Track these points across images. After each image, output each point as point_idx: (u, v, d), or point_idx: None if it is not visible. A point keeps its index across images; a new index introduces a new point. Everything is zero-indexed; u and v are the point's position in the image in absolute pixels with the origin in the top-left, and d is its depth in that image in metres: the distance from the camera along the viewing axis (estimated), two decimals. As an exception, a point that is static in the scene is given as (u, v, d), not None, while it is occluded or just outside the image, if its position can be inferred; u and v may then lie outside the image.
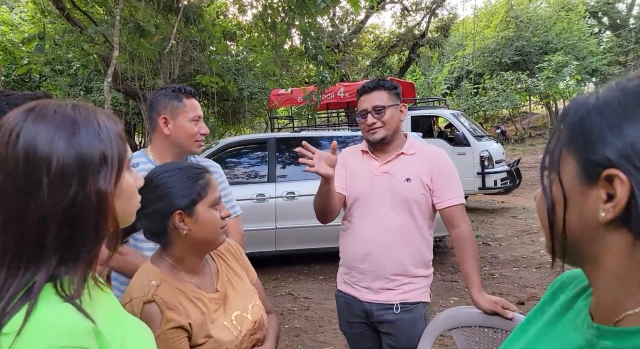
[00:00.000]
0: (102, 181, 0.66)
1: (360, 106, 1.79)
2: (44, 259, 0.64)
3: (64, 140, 0.65)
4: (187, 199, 1.10)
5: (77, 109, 0.70)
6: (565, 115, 0.54)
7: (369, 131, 1.77)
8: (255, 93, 11.29)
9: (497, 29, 24.11)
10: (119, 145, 0.71)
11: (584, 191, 0.50)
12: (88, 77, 9.85)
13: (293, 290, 4.55)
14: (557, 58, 18.80)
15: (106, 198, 0.67)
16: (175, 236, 1.12)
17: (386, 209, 1.72)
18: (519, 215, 7.85)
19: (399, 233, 1.71)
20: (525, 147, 19.44)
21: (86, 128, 0.67)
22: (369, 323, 1.80)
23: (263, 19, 5.58)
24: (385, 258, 1.71)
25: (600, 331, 0.53)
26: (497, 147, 8.28)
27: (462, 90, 21.18)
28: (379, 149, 1.81)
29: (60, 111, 0.68)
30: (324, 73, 5.31)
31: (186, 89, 1.67)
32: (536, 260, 5.25)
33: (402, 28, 18.51)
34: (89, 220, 0.66)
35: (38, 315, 0.60)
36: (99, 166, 0.67)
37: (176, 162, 1.21)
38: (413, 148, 1.80)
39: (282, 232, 4.86)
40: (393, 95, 1.78)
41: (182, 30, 4.81)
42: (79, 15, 6.87)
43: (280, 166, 5.14)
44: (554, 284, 0.73)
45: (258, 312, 1.25)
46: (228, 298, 1.20)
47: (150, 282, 1.09)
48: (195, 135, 1.65)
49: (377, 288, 1.74)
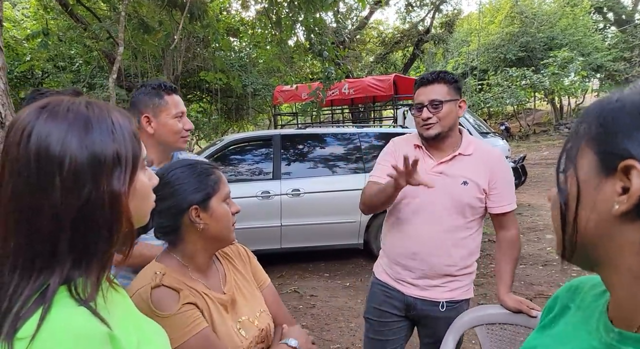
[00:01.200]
0: (115, 181, 0.65)
1: (417, 98, 1.70)
2: (57, 261, 0.62)
3: (76, 139, 0.63)
4: (202, 193, 1.10)
5: (91, 106, 0.68)
6: (587, 113, 0.55)
7: (423, 125, 1.68)
8: (259, 89, 11.24)
9: (502, 24, 23.93)
10: (133, 143, 0.69)
11: (599, 184, 0.51)
12: (91, 73, 9.82)
13: (298, 288, 4.53)
14: (563, 54, 18.65)
15: (120, 199, 0.65)
16: (188, 232, 1.12)
17: (440, 211, 1.67)
18: (524, 212, 7.80)
19: (450, 235, 1.68)
20: (530, 144, 19.34)
21: (99, 126, 0.66)
22: (407, 315, 1.78)
23: (268, 15, 5.53)
24: (435, 258, 1.68)
25: (622, 336, 0.51)
26: (503, 144, 8.22)
27: (467, 86, 21.06)
28: (433, 145, 1.73)
29: (73, 108, 0.66)
30: (330, 69, 5.27)
31: (166, 85, 1.64)
32: (542, 257, 5.21)
33: (406, 24, 18.43)
34: (102, 221, 0.64)
35: (52, 319, 0.58)
36: (113, 165, 0.65)
37: (184, 160, 1.20)
38: (470, 148, 1.72)
39: (287, 229, 4.84)
40: (453, 89, 1.68)
41: (187, 26, 4.78)
42: (82, 11, 6.84)
43: (286, 163, 5.11)
44: (569, 290, 0.72)
45: (265, 320, 1.22)
46: (236, 303, 1.18)
47: (155, 272, 1.08)
48: (180, 131, 1.63)
49: (424, 285, 1.72)
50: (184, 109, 1.67)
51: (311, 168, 5.18)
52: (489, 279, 4.59)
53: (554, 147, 17.75)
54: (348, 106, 11.55)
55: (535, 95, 22.13)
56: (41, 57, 8.68)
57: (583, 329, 0.61)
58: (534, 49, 21.81)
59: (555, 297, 0.75)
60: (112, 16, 5.94)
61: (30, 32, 6.13)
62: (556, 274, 4.58)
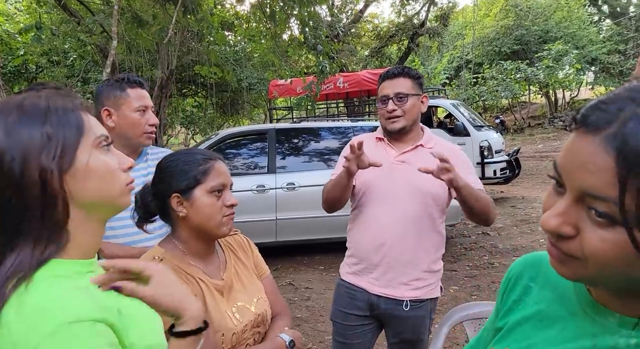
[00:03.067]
0: (44, 160, 0.66)
1: (382, 91, 1.71)
2: (19, 243, 0.65)
3: (1, 126, 0.66)
4: (185, 182, 1.12)
5: (30, 96, 0.70)
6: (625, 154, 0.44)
7: (388, 118, 1.69)
8: (254, 84, 11.22)
9: (497, 17, 23.91)
10: (71, 123, 0.70)
11: None
12: (85, 68, 9.77)
13: (294, 280, 4.57)
14: (557, 47, 18.69)
15: (48, 176, 0.66)
16: (176, 219, 1.15)
17: (402, 199, 1.67)
18: (518, 205, 7.87)
19: (414, 224, 1.66)
20: (525, 137, 19.43)
21: (31, 111, 0.67)
22: (371, 315, 1.76)
23: (262, 8, 5.52)
24: (399, 249, 1.67)
25: (623, 320, 0.53)
26: (497, 137, 8.28)
27: (462, 80, 21.08)
28: (396, 138, 1.75)
29: (11, 100, 0.69)
30: (324, 63, 5.28)
31: (130, 78, 1.60)
32: (535, 249, 5.27)
33: (401, 17, 18.33)
34: (33, 200, 0.65)
35: (36, 296, 0.62)
36: (41, 146, 0.66)
37: (188, 149, 1.23)
38: (431, 142, 1.75)
39: (282, 223, 4.88)
40: (416, 84, 1.71)
41: (181, 19, 4.76)
42: (76, 5, 6.79)
43: (280, 157, 5.14)
44: (524, 268, 0.72)
45: (262, 306, 1.25)
46: (233, 289, 1.20)
47: (153, 257, 1.12)
48: (141, 125, 1.58)
49: (388, 280, 1.69)
50: (149, 104, 1.62)
51: (306, 162, 5.21)
52: (481, 271, 4.66)
53: (548, 140, 17.84)
54: (343, 100, 11.53)
55: (530, 88, 22.17)
56: (35, 52, 8.62)
57: (563, 310, 0.62)
58: (529, 42, 21.82)
59: (508, 278, 0.74)
60: (105, 10, 5.90)
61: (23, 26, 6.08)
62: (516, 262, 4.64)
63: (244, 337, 1.15)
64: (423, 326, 1.73)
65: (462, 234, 6.21)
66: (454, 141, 7.48)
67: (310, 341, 3.30)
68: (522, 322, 0.68)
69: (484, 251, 5.37)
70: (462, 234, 6.21)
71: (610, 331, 0.55)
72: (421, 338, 1.75)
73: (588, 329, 0.57)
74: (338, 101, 11.08)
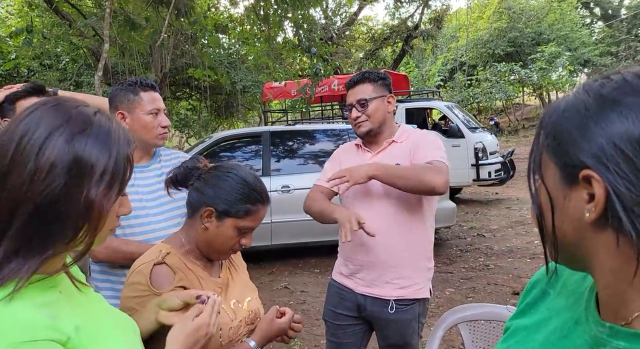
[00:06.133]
0: (93, 190, 0.63)
1: (347, 99, 1.79)
2: None
3: (67, 135, 0.62)
4: (225, 207, 1.13)
5: (100, 113, 0.67)
6: (542, 120, 0.56)
7: (355, 124, 1.77)
8: (249, 86, 11.19)
9: (490, 20, 24.07)
10: (124, 165, 0.68)
11: (567, 193, 0.51)
12: (78, 71, 9.69)
13: (289, 284, 4.54)
14: (550, 49, 18.83)
15: (95, 207, 0.64)
16: (197, 222, 1.16)
17: (379, 197, 1.70)
18: (513, 206, 7.89)
19: (393, 221, 1.67)
20: (519, 139, 19.51)
21: (97, 133, 0.64)
22: (360, 316, 1.78)
23: (256, 11, 5.51)
24: (379, 247, 1.68)
25: (613, 331, 0.52)
26: (491, 139, 8.30)
27: (456, 82, 21.18)
28: (370, 141, 1.81)
29: (81, 109, 0.65)
30: (318, 65, 5.27)
31: (143, 82, 1.64)
32: (530, 251, 5.28)
33: (396, 20, 18.42)
34: (69, 220, 0.63)
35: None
36: (94, 174, 0.63)
37: (253, 176, 1.21)
38: (404, 136, 1.78)
39: (277, 226, 4.84)
40: (379, 86, 1.75)
41: (174, 22, 4.74)
42: (67, 8, 6.75)
43: (275, 160, 5.11)
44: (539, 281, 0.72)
45: (255, 304, 1.28)
46: (228, 287, 1.24)
47: (160, 251, 1.14)
48: (155, 128, 1.63)
49: (372, 279, 1.71)
50: (161, 106, 1.66)
51: (301, 164, 5.18)
52: (477, 272, 4.65)
53: (542, 141, 17.90)
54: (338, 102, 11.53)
55: (524, 90, 22.32)
56: (27, 55, 8.56)
57: (570, 318, 0.61)
58: (522, 44, 21.99)
59: (534, 281, 0.75)
60: (97, 13, 5.87)
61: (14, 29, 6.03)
62: (544, 268, 4.64)
63: (239, 332, 1.19)
64: (410, 329, 1.71)
65: (457, 236, 6.21)
66: (448, 142, 7.49)
67: (306, 345, 3.27)
68: (528, 326, 0.68)
69: (480, 253, 5.36)
70: (458, 236, 6.21)
71: (602, 343, 0.53)
72: (409, 342, 1.74)
73: (587, 340, 0.56)
74: (333, 103, 11.05)
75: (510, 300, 3.89)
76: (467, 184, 7.92)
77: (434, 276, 1.87)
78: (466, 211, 7.59)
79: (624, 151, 0.46)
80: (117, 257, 1.54)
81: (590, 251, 0.52)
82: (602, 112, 0.48)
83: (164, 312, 0.93)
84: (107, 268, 1.60)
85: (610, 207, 0.47)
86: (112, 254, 1.53)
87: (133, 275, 1.11)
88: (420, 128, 1.97)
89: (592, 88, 0.51)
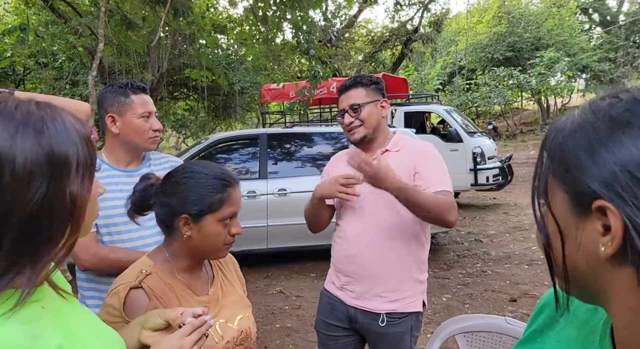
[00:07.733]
0: (74, 184, 0.61)
1: (339, 105, 1.74)
2: None
3: (30, 137, 0.59)
4: (198, 207, 1.08)
5: (41, 106, 0.63)
6: (546, 140, 0.51)
7: (348, 131, 1.71)
8: (247, 88, 11.14)
9: (490, 24, 24.14)
10: (88, 147, 0.65)
11: (579, 224, 0.47)
12: (74, 70, 9.61)
13: (284, 288, 4.48)
14: (549, 54, 18.87)
15: (78, 202, 0.62)
16: (177, 234, 1.12)
17: (371, 208, 1.65)
18: (510, 211, 7.86)
19: (385, 232, 1.63)
20: (517, 143, 19.54)
21: (54, 126, 0.61)
22: (351, 328, 1.73)
23: (254, 12, 5.47)
24: (370, 259, 1.64)
25: None
26: (490, 144, 8.28)
27: (455, 86, 21.21)
28: (363, 148, 1.72)
29: (22, 107, 0.61)
30: (316, 67, 5.23)
31: (134, 84, 1.60)
32: (528, 257, 5.24)
33: (395, 23, 18.40)
34: (57, 223, 0.61)
35: None
36: (69, 167, 0.61)
37: (208, 166, 1.15)
38: (399, 145, 1.72)
39: (273, 229, 4.79)
40: (372, 91, 1.69)
41: (171, 22, 4.69)
42: (64, 7, 6.69)
43: (272, 163, 5.06)
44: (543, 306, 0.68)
45: (246, 323, 1.22)
46: (217, 304, 1.19)
47: (141, 270, 1.10)
48: (146, 131, 1.59)
49: (363, 291, 1.66)
50: (152, 109, 1.63)
51: (298, 167, 5.13)
52: (474, 278, 4.60)
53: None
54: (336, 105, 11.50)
55: (522, 94, 22.36)
56: (22, 54, 8.48)
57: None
58: (521, 49, 22.06)
59: (542, 305, 0.70)
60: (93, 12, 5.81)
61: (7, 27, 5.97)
62: (542, 274, 4.60)
63: None
64: (402, 343, 1.66)
65: (455, 241, 6.16)
66: (447, 147, 7.47)
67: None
68: None
69: (477, 259, 5.32)
70: (455, 241, 6.16)
71: None
72: None
73: None
74: (331, 106, 11.02)
75: (508, 307, 3.85)
76: (465, 189, 7.89)
77: (431, 282, 1.83)
78: (464, 216, 7.55)
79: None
80: (104, 265, 1.49)
81: (606, 287, 0.47)
82: (613, 136, 0.44)
83: (146, 332, 0.89)
84: (94, 276, 1.55)
85: (628, 241, 0.42)
86: (98, 262, 1.49)
87: (110, 296, 1.07)
88: (419, 132, 1.92)
89: (599, 108, 0.47)
